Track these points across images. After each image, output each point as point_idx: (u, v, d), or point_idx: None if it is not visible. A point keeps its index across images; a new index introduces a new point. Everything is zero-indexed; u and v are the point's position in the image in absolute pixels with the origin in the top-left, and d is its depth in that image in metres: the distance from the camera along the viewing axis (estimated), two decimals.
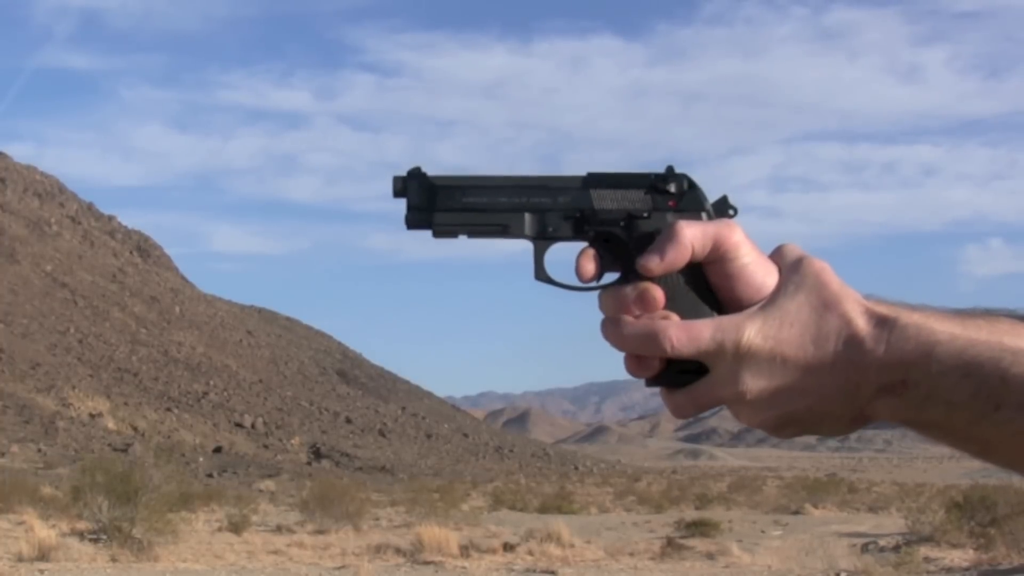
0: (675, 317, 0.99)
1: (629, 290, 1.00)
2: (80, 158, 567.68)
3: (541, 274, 1.04)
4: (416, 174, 1.06)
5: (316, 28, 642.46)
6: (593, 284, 1.02)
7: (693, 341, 0.96)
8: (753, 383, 0.96)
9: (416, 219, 1.05)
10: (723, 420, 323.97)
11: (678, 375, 0.99)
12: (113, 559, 18.17)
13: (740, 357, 0.96)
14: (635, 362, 0.99)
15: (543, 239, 1.05)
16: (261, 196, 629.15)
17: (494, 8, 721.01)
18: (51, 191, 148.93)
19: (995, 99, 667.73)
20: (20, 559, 17.25)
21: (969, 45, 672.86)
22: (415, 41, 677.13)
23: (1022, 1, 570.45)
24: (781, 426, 0.99)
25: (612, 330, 0.99)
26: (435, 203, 1.05)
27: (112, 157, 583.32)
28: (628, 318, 0.99)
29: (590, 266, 1.01)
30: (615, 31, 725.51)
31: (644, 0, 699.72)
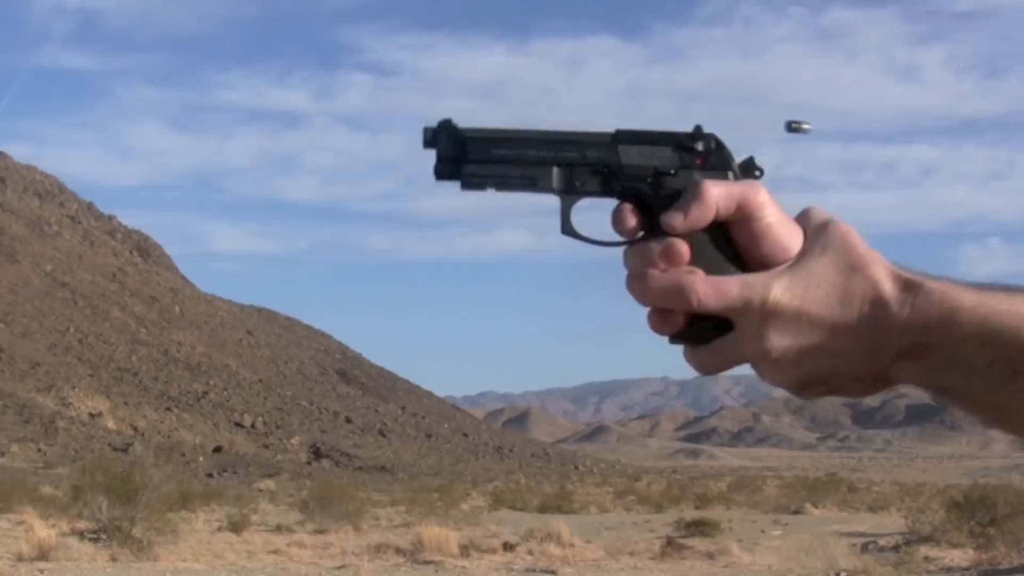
0: (701, 272, 0.99)
1: (654, 245, 1.00)
2: (79, 158, 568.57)
3: (568, 228, 1.04)
4: (446, 125, 1.05)
5: (314, 28, 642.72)
6: (618, 240, 1.03)
7: (720, 296, 0.97)
8: (778, 341, 0.96)
9: (445, 170, 1.05)
10: (723, 420, 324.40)
11: (702, 331, 1.00)
12: (113, 559, 18.17)
13: (766, 315, 0.96)
14: (659, 317, 1.00)
15: (570, 193, 1.04)
16: (260, 196, 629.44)
17: (492, 8, 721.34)
18: (51, 191, 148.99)
19: (993, 99, 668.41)
20: (20, 559, 17.25)
21: (967, 45, 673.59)
22: (413, 41, 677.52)
23: (1020, 1, 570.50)
24: (804, 386, 0.99)
25: (638, 284, 0.99)
26: (465, 155, 1.05)
27: (111, 157, 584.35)
28: (655, 271, 0.99)
29: (632, 220, 1.01)
30: (613, 31, 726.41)
31: (642, 0, 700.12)
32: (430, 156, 1.02)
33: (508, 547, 20.74)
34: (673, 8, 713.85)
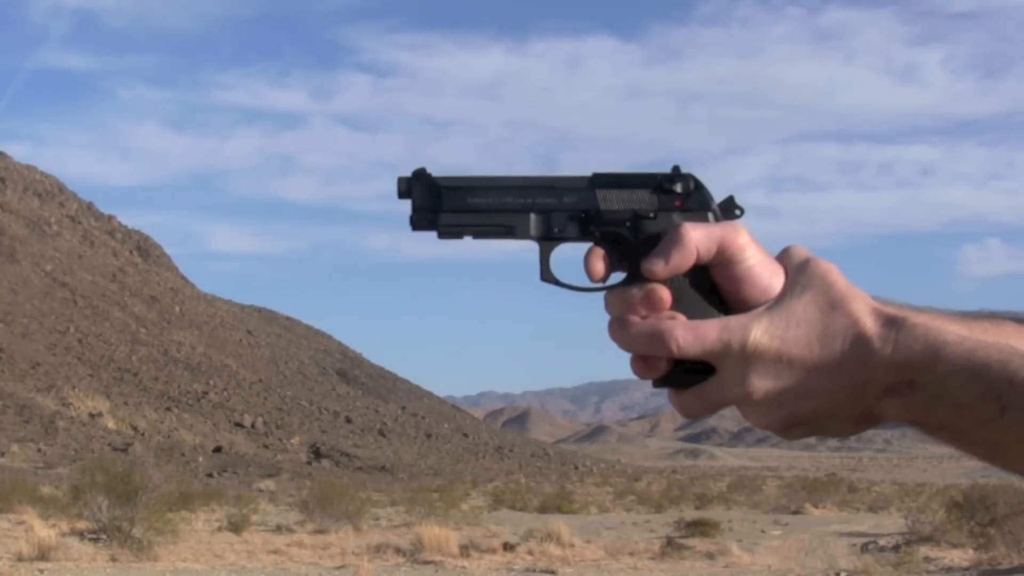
0: (681, 317, 0.98)
1: (635, 291, 0.99)
2: (78, 158, 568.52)
3: (547, 275, 1.04)
4: (421, 175, 1.05)
5: (312, 28, 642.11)
6: (599, 285, 1.02)
7: (699, 341, 0.96)
8: (760, 383, 0.95)
9: (421, 220, 1.04)
10: (723, 420, 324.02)
11: (685, 376, 0.99)
12: (113, 559, 18.17)
13: (747, 357, 0.95)
14: (642, 363, 0.99)
15: (549, 240, 1.04)
16: (259, 196, 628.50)
17: (489, 8, 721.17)
18: (51, 191, 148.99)
19: (991, 99, 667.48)
20: (20, 559, 17.24)
21: (965, 45, 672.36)
22: (411, 41, 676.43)
23: (1018, 1, 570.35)
24: (788, 427, 0.98)
25: (618, 331, 0.99)
26: (440, 204, 1.04)
27: (110, 157, 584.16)
28: (635, 318, 0.99)
29: (600, 265, 1.01)
30: (611, 31, 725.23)
31: (640, 0, 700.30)
32: (426, 155, 1.02)
33: (508, 547, 20.74)
34: (671, 8, 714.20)
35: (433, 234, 1.05)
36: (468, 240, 1.06)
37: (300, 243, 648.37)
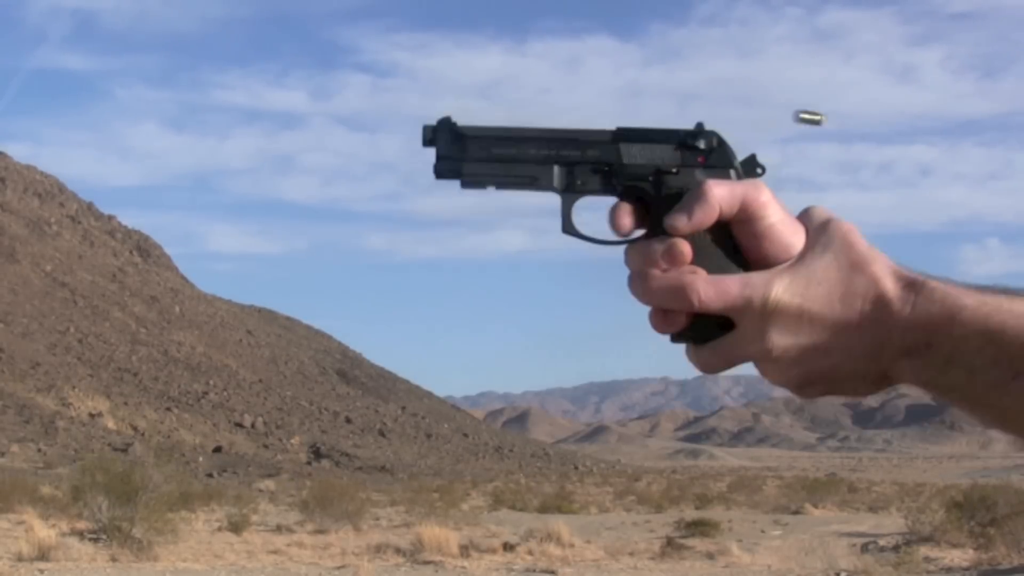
0: (702, 272, 0.99)
1: (657, 245, 0.99)
2: (77, 158, 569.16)
3: (569, 227, 1.03)
4: (446, 123, 1.05)
5: (311, 28, 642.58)
6: (620, 239, 1.02)
7: (721, 295, 0.97)
8: (779, 340, 0.96)
9: (445, 168, 1.04)
10: (723, 420, 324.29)
11: (704, 330, 0.99)
12: (113, 559, 18.17)
13: (767, 314, 0.96)
14: (661, 317, 0.99)
15: (571, 192, 1.04)
16: (258, 196, 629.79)
17: (488, 8, 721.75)
18: (51, 191, 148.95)
19: (990, 99, 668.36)
20: (20, 559, 17.24)
21: (964, 46, 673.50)
22: (410, 41, 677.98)
23: (1017, 1, 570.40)
24: (805, 385, 0.99)
25: (639, 284, 0.99)
26: (464, 153, 1.04)
27: (110, 157, 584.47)
28: (656, 271, 0.99)
29: (627, 220, 1.01)
30: (610, 31, 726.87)
31: (639, 0, 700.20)
32: (429, 156, 1.02)
33: (508, 547, 20.73)
34: (670, 8, 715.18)
35: (459, 184, 1.05)
36: (483, 197, 1.05)
37: (299, 243, 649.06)
